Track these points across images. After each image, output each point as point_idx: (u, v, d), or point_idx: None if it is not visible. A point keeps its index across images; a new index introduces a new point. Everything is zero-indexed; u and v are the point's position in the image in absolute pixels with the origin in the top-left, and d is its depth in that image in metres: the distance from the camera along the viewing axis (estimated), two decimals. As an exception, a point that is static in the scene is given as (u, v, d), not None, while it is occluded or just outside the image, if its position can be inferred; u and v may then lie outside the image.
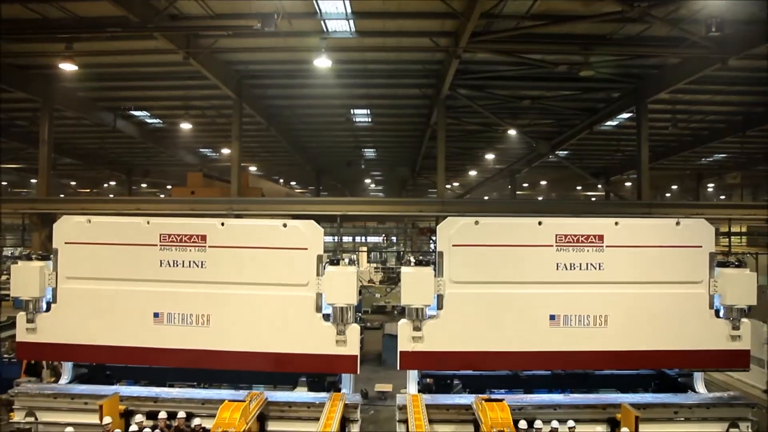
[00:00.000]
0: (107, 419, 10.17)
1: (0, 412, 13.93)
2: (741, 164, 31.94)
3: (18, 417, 11.25)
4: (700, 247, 11.28)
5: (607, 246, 11.18)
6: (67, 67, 15.39)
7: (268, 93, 20.88)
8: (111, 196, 42.24)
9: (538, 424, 10.27)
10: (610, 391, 12.40)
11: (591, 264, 11.14)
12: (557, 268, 11.09)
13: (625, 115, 21.98)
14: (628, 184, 37.96)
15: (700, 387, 12.08)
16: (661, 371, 12.78)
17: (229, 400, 10.12)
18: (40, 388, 11.87)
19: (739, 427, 10.97)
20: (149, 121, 25.15)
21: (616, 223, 11.34)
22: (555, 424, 10.26)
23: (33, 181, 34.82)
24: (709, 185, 41.39)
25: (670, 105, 21.39)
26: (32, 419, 11.18)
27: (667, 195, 44.22)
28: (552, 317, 11.10)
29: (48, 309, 11.55)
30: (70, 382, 12.22)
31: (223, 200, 19.85)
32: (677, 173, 37.60)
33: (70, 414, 11.07)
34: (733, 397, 11.67)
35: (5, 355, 16.02)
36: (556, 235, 11.14)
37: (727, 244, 27.69)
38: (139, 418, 10.51)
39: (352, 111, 23.03)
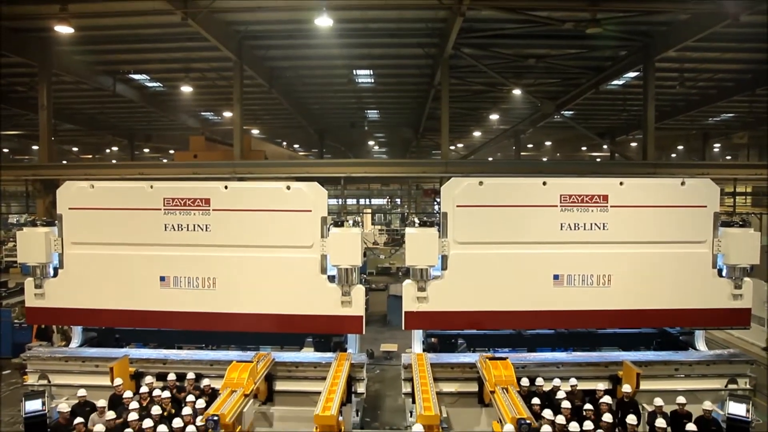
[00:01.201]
0: (118, 381, 10.40)
1: (14, 375, 14.30)
2: (748, 124, 31.51)
3: (31, 380, 11.51)
4: (705, 207, 11.25)
5: (611, 206, 11.15)
6: (63, 29, 15.12)
7: (269, 54, 20.54)
8: (113, 161, 42.20)
9: (540, 381, 10.46)
10: (612, 350, 12.59)
11: (595, 224, 11.13)
12: (561, 228, 11.10)
13: (632, 74, 21.61)
14: (633, 144, 37.63)
15: (700, 345, 12.24)
16: (662, 330, 12.92)
17: (237, 361, 10.32)
18: (52, 352, 12.12)
19: (737, 383, 11.17)
20: (149, 84, 24.87)
21: (621, 183, 11.29)
22: (557, 381, 10.44)
23: (35, 147, 34.77)
24: (715, 145, 40.99)
25: (678, 63, 20.98)
26: (45, 382, 11.44)
27: (673, 155, 43.84)
28: (556, 277, 11.16)
29: (55, 274, 11.68)
30: (80, 346, 12.46)
31: (226, 164, 19.76)
32: (683, 133, 37.20)
33: (82, 376, 11.32)
34: (732, 355, 11.83)
35: (16, 321, 16.30)
36: (561, 195, 11.10)
37: (732, 204, 27.58)
38: (149, 379, 10.73)
39: (354, 72, 22.69)
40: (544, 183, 11.22)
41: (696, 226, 11.24)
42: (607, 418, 9.05)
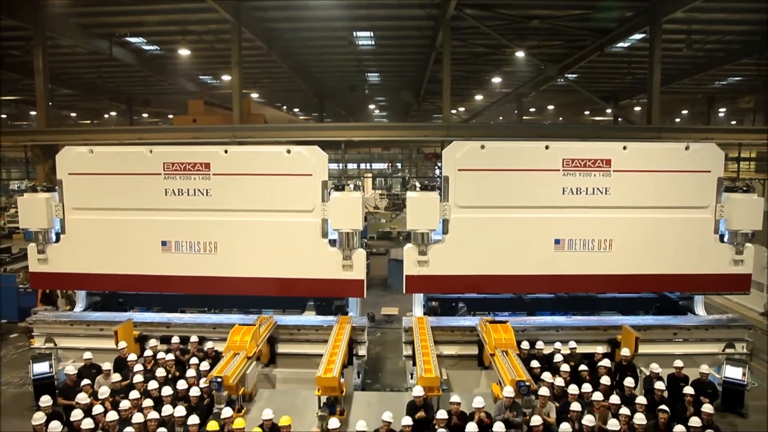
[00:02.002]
0: (122, 344, 10.53)
1: (21, 339, 14.49)
2: (755, 87, 31.06)
3: (38, 343, 11.66)
4: (709, 172, 11.16)
5: (614, 170, 11.08)
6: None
7: (267, 15, 20.11)
8: (112, 126, 41.88)
9: (540, 345, 10.58)
10: (611, 314, 12.69)
11: (597, 188, 11.08)
12: (563, 193, 11.05)
13: (638, 36, 21.16)
14: (637, 108, 37.18)
15: (699, 310, 12.32)
16: (662, 295, 12.99)
17: (240, 324, 10.43)
18: (57, 316, 12.25)
19: (734, 347, 11.28)
20: (146, 48, 24.45)
21: (625, 148, 11.17)
22: (557, 345, 10.54)
23: (33, 113, 34.43)
24: (720, 110, 40.48)
25: (685, 25, 20.52)
26: (51, 345, 11.59)
27: (677, 120, 43.38)
28: (557, 241, 11.17)
29: (57, 240, 11.72)
30: (84, 310, 12.58)
31: (225, 128, 19.58)
32: (688, 97, 36.70)
33: (87, 340, 11.49)
34: (731, 320, 11.93)
35: (20, 286, 16.41)
36: (563, 160, 11.02)
37: (736, 169, 27.43)
38: (153, 342, 10.86)
39: (354, 34, 22.25)
40: (547, 147, 11.12)
41: (699, 192, 11.18)
42: (605, 380, 9.17)
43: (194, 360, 10.00)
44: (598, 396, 8.52)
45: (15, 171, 40.80)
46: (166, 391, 8.81)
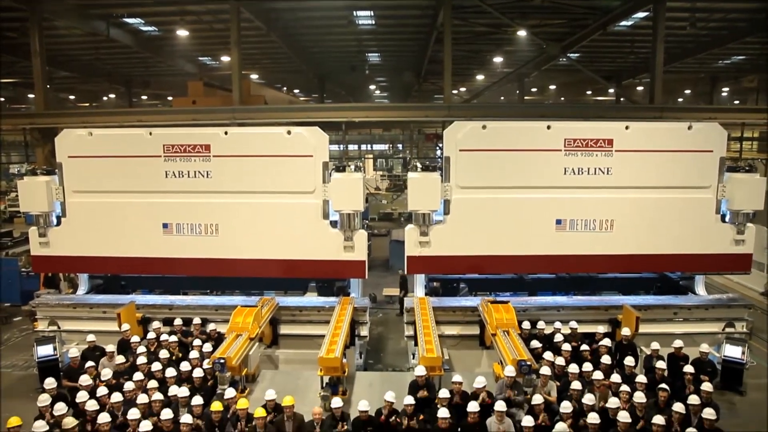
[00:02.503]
0: (126, 326, 10.59)
1: (24, 322, 14.58)
2: (759, 66, 30.69)
3: (41, 326, 11.73)
4: (711, 151, 11.10)
5: (616, 150, 11.02)
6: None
7: (266, -5, 19.86)
8: (111, 109, 41.62)
9: (541, 324, 10.62)
10: (612, 294, 12.72)
11: (599, 168, 11.04)
12: (565, 173, 11.01)
13: (641, 14, 20.87)
14: (639, 88, 36.88)
15: (700, 289, 12.36)
16: (663, 275, 13.01)
17: (242, 306, 10.48)
18: (60, 299, 12.30)
19: (734, 326, 11.33)
20: (144, 28, 24.16)
21: (627, 127, 11.10)
22: (558, 324, 10.59)
23: (31, 96, 34.22)
24: (723, 90, 40.13)
25: (689, 2, 20.21)
26: (55, 328, 11.66)
27: (680, 100, 43.03)
28: (558, 222, 11.15)
29: (58, 223, 11.71)
30: (87, 293, 12.64)
31: (225, 109, 19.46)
32: (691, 77, 36.35)
33: (90, 322, 11.54)
34: (731, 299, 11.97)
35: (23, 269, 16.46)
36: (565, 140, 10.96)
37: (738, 149, 27.26)
38: (156, 324, 10.92)
39: (354, 13, 21.97)
40: (549, 127, 11.05)
41: (701, 171, 11.14)
42: (606, 360, 9.22)
43: (197, 342, 10.06)
44: (598, 375, 8.58)
45: (14, 154, 40.67)
46: (170, 372, 8.87)
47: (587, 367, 8.90)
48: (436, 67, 26.43)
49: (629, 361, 9.28)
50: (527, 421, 7.35)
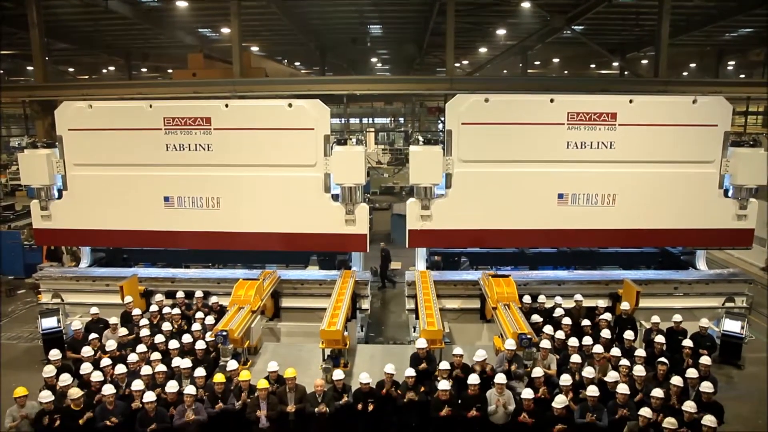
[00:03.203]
0: (128, 298, 10.66)
1: (28, 295, 14.69)
2: (766, 39, 30.19)
3: (45, 298, 11.82)
4: (716, 126, 11.00)
5: (619, 124, 10.92)
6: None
7: (266, -36, 19.54)
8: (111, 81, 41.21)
9: (541, 298, 10.67)
10: (613, 269, 12.76)
11: (602, 142, 10.96)
12: (568, 147, 10.94)
13: (648, -15, 20.56)
14: (644, 62, 36.34)
15: (701, 264, 12.38)
16: (664, 249, 13.03)
17: (244, 279, 10.51)
18: (63, 272, 12.37)
19: (734, 301, 11.38)
20: (143, -1, 23.87)
21: (631, 101, 10.98)
22: (558, 299, 10.64)
23: (30, 68, 33.86)
24: (729, 63, 39.58)
25: (697, -28, 19.89)
26: (58, 300, 11.74)
27: (684, 74, 42.49)
28: (560, 196, 11.12)
29: (60, 196, 11.71)
30: (90, 266, 12.71)
31: (226, 81, 19.31)
32: (697, 50, 35.79)
33: (93, 295, 11.64)
34: (732, 274, 11.99)
35: (25, 242, 16.52)
36: (568, 113, 10.85)
37: (743, 123, 27.00)
38: (158, 297, 10.99)
39: (356, -17, 21.67)
40: (552, 100, 10.94)
41: (705, 146, 11.05)
42: (606, 334, 9.27)
43: (200, 314, 10.13)
44: (598, 349, 8.64)
45: (15, 127, 40.48)
46: (173, 344, 8.94)
47: (587, 341, 8.96)
48: (438, 39, 26.05)
49: (628, 335, 9.33)
50: (527, 393, 7.43)
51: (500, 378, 7.66)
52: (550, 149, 10.95)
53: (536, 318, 9.87)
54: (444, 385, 7.55)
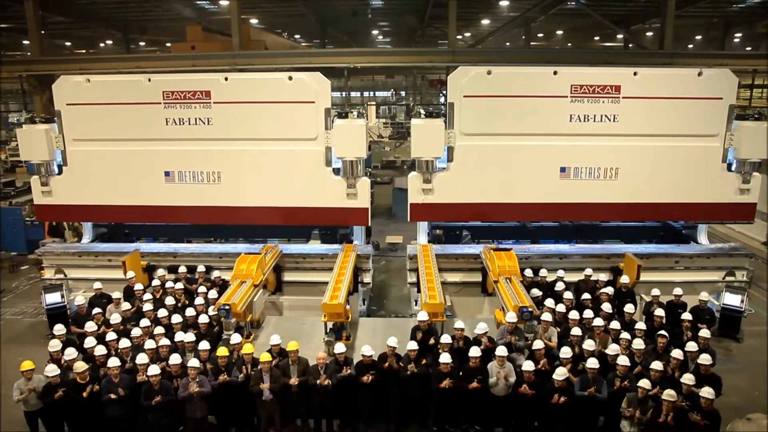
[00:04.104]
0: (131, 273, 10.69)
1: (32, 271, 14.76)
2: (775, 10, 29.67)
3: (48, 274, 11.87)
4: (721, 99, 10.88)
5: (623, 97, 10.82)
6: None
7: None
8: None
9: (543, 272, 10.69)
10: (614, 242, 12.76)
11: (605, 116, 10.86)
12: (570, 120, 10.85)
13: (654, -46, 20.13)
14: (649, 34, 35.80)
15: (702, 239, 12.38)
16: (666, 223, 13.01)
17: (246, 253, 10.54)
18: (65, 248, 12.40)
19: (735, 275, 11.40)
20: (139, -30, 23.48)
21: (635, 74, 10.86)
22: (561, 272, 10.66)
23: (26, 42, 33.46)
24: (736, 35, 38.97)
25: (705, -60, 19.43)
26: (61, 276, 11.79)
27: (690, 46, 41.89)
28: (563, 169, 11.07)
29: (60, 172, 11.67)
30: (92, 241, 12.72)
31: (225, 54, 19.08)
32: (703, 22, 35.18)
33: (96, 270, 11.67)
34: (733, 248, 12.00)
35: (27, 218, 16.53)
36: (572, 86, 10.74)
37: (748, 97, 26.69)
38: (161, 272, 11.02)
39: (356, -46, 21.25)
40: (555, 73, 10.81)
41: (709, 119, 10.95)
42: (606, 307, 9.30)
43: (202, 288, 10.16)
44: (599, 322, 8.68)
45: (12, 103, 40.17)
46: (176, 318, 9.00)
47: (588, 314, 9.00)
48: (440, 11, 25.63)
49: (628, 308, 9.37)
50: (528, 365, 7.50)
51: (501, 350, 7.71)
52: (553, 122, 10.86)
53: (536, 292, 9.90)
54: (445, 357, 7.61)
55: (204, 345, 8.07)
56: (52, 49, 30.01)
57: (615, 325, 8.61)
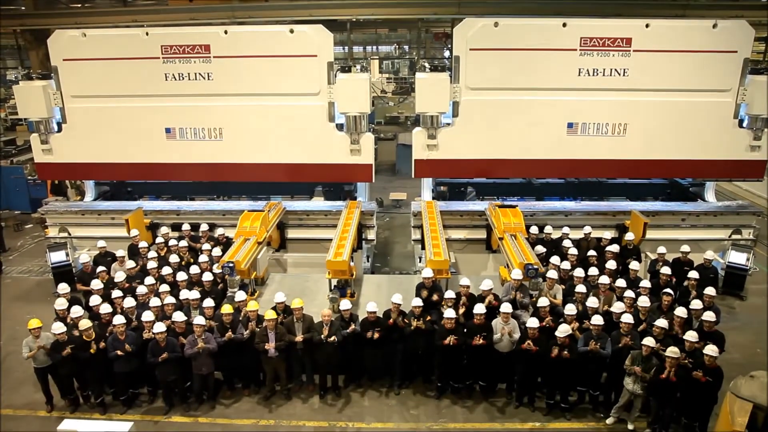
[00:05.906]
0: (134, 231, 10.67)
1: (36, 229, 14.79)
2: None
3: (52, 232, 11.86)
4: (736, 52, 10.53)
5: (634, 50, 10.49)
6: None
7: None
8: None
9: (548, 229, 10.63)
10: (620, 200, 12.64)
11: (615, 70, 10.56)
12: (579, 74, 10.55)
13: None
14: (662, -18, 34.62)
15: (710, 196, 12.24)
16: (673, 181, 12.86)
17: (249, 211, 10.48)
18: (68, 206, 12.35)
19: (741, 233, 11.31)
20: None
21: (647, 26, 10.48)
22: (566, 230, 10.59)
23: (19, -6, 32.61)
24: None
25: None
26: (65, 234, 11.78)
27: (703, -4, 40.57)
28: (570, 125, 10.86)
29: (59, 129, 11.49)
30: (94, 200, 12.66)
31: (224, 7, 18.48)
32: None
33: (99, 228, 11.65)
34: (741, 206, 11.86)
35: (29, 177, 16.45)
36: (581, 38, 10.40)
37: (763, 50, 25.90)
38: (164, 230, 11.00)
39: None
40: (564, 25, 10.46)
41: (723, 73, 10.63)
42: (611, 265, 9.26)
43: (206, 246, 10.16)
44: (604, 279, 8.65)
45: (9, 59, 39.42)
46: (181, 276, 9.02)
47: (593, 271, 8.97)
48: (445, -41, 24.74)
49: (633, 265, 9.33)
50: (532, 322, 7.51)
51: (506, 307, 7.73)
52: (561, 76, 10.58)
53: (541, 249, 9.86)
54: (449, 313, 7.63)
55: (209, 302, 8.11)
56: (46, 2, 29.20)
57: (620, 282, 8.59)
